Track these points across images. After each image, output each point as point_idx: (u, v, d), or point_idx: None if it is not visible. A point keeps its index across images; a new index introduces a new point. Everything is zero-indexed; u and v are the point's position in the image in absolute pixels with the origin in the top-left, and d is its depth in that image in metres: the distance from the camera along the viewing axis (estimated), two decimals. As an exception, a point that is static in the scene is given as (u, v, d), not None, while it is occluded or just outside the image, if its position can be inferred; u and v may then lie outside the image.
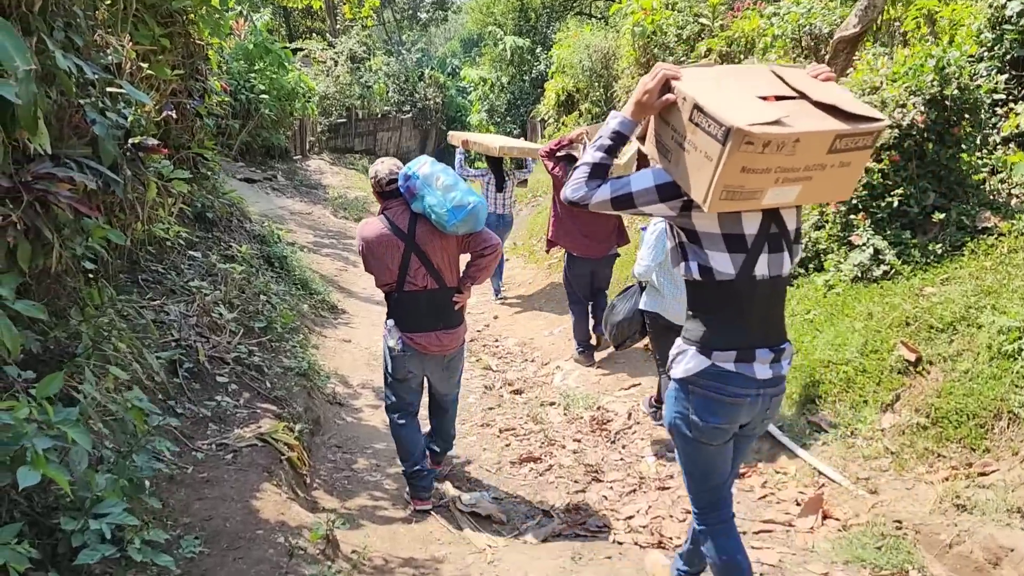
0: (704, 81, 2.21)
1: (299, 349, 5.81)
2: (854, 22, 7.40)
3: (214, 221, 7.38)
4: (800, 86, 2.18)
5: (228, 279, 5.85)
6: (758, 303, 2.37)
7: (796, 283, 5.38)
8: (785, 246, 2.38)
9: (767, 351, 2.39)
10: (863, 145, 2.12)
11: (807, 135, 2.02)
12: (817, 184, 2.18)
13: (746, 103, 2.08)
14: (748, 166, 2.04)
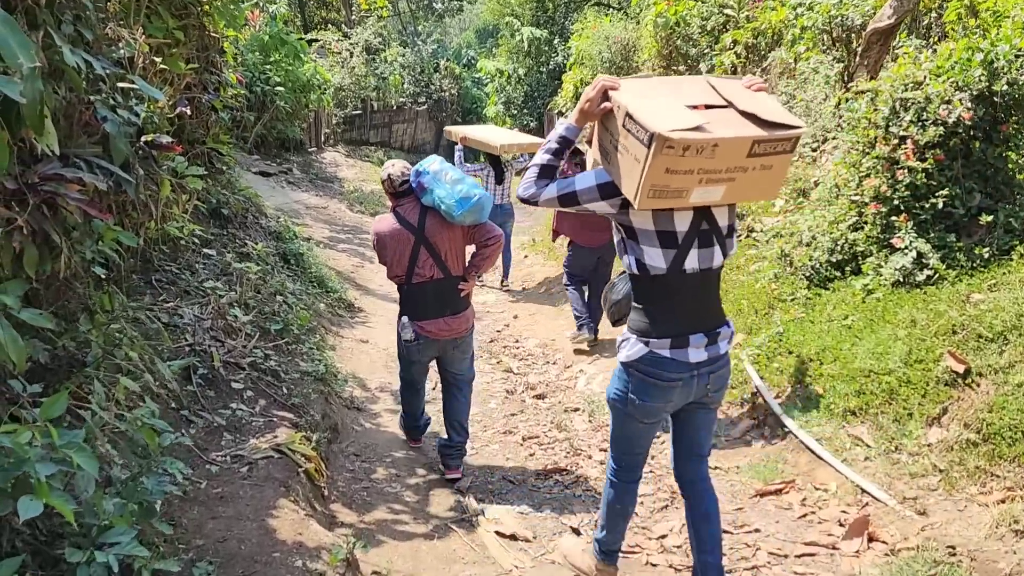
0: (638, 91, 2.46)
1: (316, 351, 5.65)
2: (888, 13, 7.14)
3: (229, 217, 7.23)
4: (729, 96, 2.41)
5: (243, 279, 5.70)
6: (689, 294, 2.63)
7: (832, 287, 5.17)
8: (716, 241, 2.60)
9: (701, 336, 2.64)
10: (782, 150, 2.35)
11: (725, 140, 2.25)
12: (741, 184, 2.40)
13: (672, 111, 2.30)
14: (672, 168, 2.26)
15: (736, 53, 9.72)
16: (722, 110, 2.37)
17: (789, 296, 5.33)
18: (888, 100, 4.88)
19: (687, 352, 2.63)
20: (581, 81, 16.74)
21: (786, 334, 5.04)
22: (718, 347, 2.70)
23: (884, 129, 4.89)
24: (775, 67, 9.30)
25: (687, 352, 2.63)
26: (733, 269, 6.27)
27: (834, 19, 7.86)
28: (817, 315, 5.03)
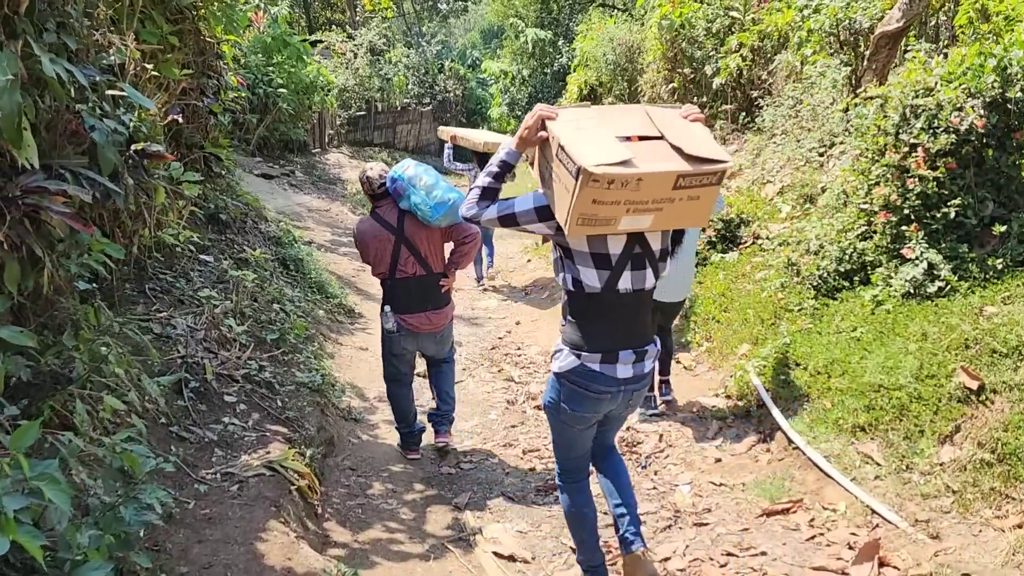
0: (574, 122, 2.50)
1: (313, 360, 5.55)
2: (897, 16, 7.02)
3: (228, 223, 7.14)
4: (664, 127, 2.45)
5: (240, 287, 5.60)
6: (622, 312, 2.73)
7: (840, 297, 5.05)
8: (648, 264, 2.72)
9: (630, 352, 2.77)
10: (708, 183, 2.41)
11: (649, 175, 2.32)
12: (669, 214, 2.47)
13: (602, 144, 2.36)
14: (598, 199, 2.34)
15: (742, 56, 9.59)
16: (654, 142, 2.43)
17: (796, 306, 5.21)
18: (898, 107, 4.76)
19: (616, 368, 2.76)
20: (585, 82, 16.63)
21: (793, 345, 4.92)
22: (644, 365, 2.85)
23: (894, 136, 4.77)
24: (781, 70, 9.18)
25: (616, 368, 2.76)
26: (738, 277, 6.16)
27: (841, 22, 7.74)
28: (825, 326, 4.92)
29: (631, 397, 2.90)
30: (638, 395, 2.94)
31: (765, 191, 7.55)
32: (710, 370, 5.69)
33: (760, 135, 9.04)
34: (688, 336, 6.16)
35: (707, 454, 4.60)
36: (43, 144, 3.25)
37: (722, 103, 10.38)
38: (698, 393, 5.41)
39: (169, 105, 5.14)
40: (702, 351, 5.93)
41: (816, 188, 6.76)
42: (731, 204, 6.99)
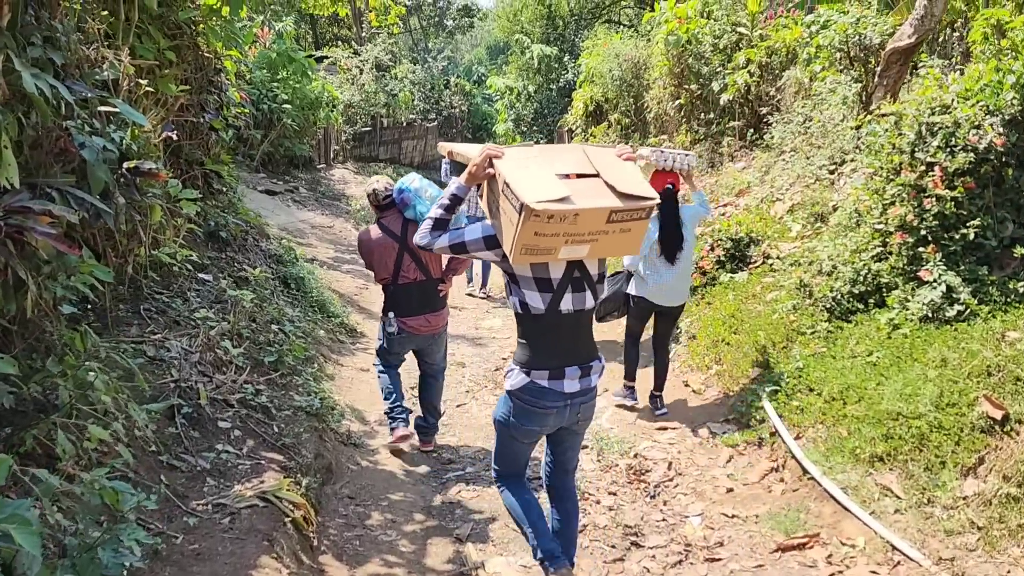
0: (518, 161, 2.76)
1: (312, 383, 5.41)
2: (909, 32, 6.91)
3: (227, 240, 7.03)
4: (600, 166, 2.74)
5: (238, 308, 5.47)
6: (566, 331, 2.95)
7: (854, 320, 4.90)
8: (587, 287, 2.95)
9: (576, 368, 2.97)
10: (638, 217, 2.68)
11: (585, 211, 2.58)
12: (603, 244, 2.73)
13: (543, 182, 2.62)
14: (539, 231, 2.59)
15: (749, 72, 9.49)
16: (590, 179, 2.70)
17: (809, 329, 5.06)
18: (913, 124, 4.63)
19: (563, 383, 2.96)
20: (591, 98, 16.57)
21: (806, 370, 4.76)
22: (590, 379, 3.05)
23: (909, 155, 4.63)
24: (789, 86, 9.07)
25: (563, 383, 2.96)
26: (748, 298, 6.01)
27: (851, 38, 7.63)
28: (839, 350, 4.76)
29: (579, 410, 3.08)
30: (587, 408, 3.11)
31: (774, 209, 7.41)
32: (720, 394, 5.53)
33: (768, 152, 8.92)
34: (697, 358, 6.01)
35: (718, 483, 4.44)
36: (29, 162, 3.14)
37: (729, 119, 10.27)
38: (707, 417, 5.25)
39: (165, 121, 5.04)
40: (711, 374, 5.78)
41: (827, 207, 6.62)
42: (740, 223, 6.85)
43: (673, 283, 5.28)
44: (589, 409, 3.14)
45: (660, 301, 5.34)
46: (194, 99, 6.39)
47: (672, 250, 5.21)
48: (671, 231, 5.20)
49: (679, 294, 5.34)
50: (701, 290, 6.63)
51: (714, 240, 6.72)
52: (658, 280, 5.28)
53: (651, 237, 5.22)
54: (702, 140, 11.21)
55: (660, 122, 13.28)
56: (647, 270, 5.32)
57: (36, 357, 3.29)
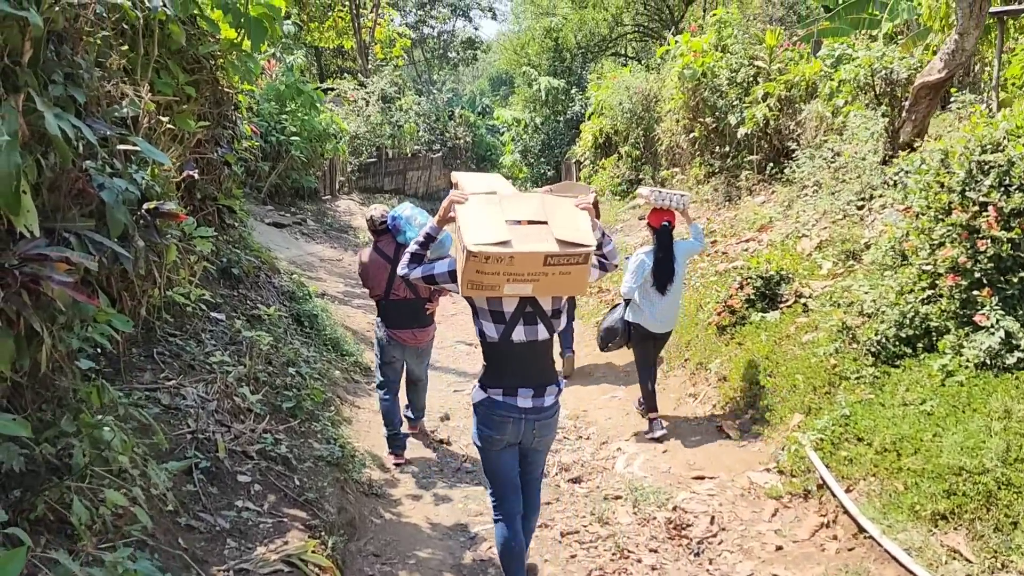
0: (476, 207, 3.11)
1: (331, 429, 5.18)
2: (939, 66, 6.78)
3: (240, 278, 6.84)
4: (551, 214, 3.08)
5: (253, 350, 5.26)
6: (519, 358, 3.33)
7: (903, 365, 4.67)
8: (539, 320, 3.30)
9: (529, 389, 3.35)
10: (575, 262, 2.99)
11: (520, 254, 2.92)
12: (545, 284, 3.05)
13: (489, 227, 2.98)
14: (480, 270, 2.95)
15: (769, 106, 9.35)
16: (538, 226, 3.03)
17: (853, 373, 4.83)
18: (964, 163, 4.44)
19: (516, 400, 3.35)
20: (600, 131, 16.49)
21: (853, 417, 4.53)
22: (543, 400, 3.40)
23: (959, 194, 4.45)
24: (811, 120, 8.92)
25: (516, 400, 3.35)
26: (783, 339, 5.79)
27: (877, 72, 7.49)
28: (888, 397, 4.53)
29: (534, 427, 3.41)
30: (542, 426, 3.44)
31: (801, 245, 7.22)
32: (757, 440, 5.29)
33: (790, 186, 8.75)
34: (731, 402, 5.77)
35: (766, 540, 4.18)
36: (46, 206, 2.94)
37: (747, 153, 10.12)
38: (746, 467, 5.00)
39: (186, 160, 4.87)
40: (746, 418, 5.54)
41: (859, 243, 6.43)
42: (770, 260, 6.65)
43: (664, 311, 5.74)
44: (545, 428, 3.47)
45: (654, 328, 5.79)
46: (209, 134, 6.24)
47: (663, 281, 5.63)
48: (664, 264, 5.62)
49: (670, 321, 5.85)
50: (731, 329, 6.41)
51: (743, 278, 6.51)
52: (652, 309, 5.71)
53: (646, 269, 5.64)
54: (717, 173, 11.07)
55: (672, 154, 13.16)
56: (642, 299, 5.74)
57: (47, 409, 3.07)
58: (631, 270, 5.70)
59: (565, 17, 22.92)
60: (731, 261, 7.79)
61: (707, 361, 6.44)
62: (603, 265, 3.41)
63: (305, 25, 27.95)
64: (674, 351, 7.01)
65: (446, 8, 42.94)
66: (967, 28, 6.44)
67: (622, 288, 5.81)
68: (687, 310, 7.29)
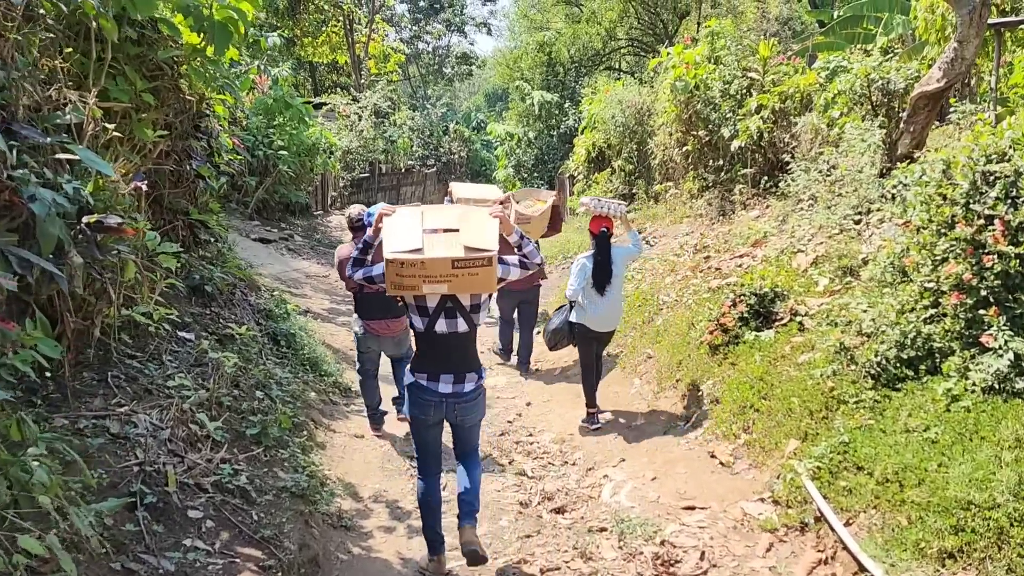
0: (400, 218, 3.66)
1: (300, 455, 4.89)
2: (938, 76, 6.55)
3: (213, 295, 6.56)
4: (463, 223, 3.60)
5: (219, 372, 4.97)
6: (441, 347, 3.81)
7: (904, 388, 4.40)
8: (459, 315, 3.77)
9: (450, 375, 3.84)
10: (481, 264, 3.50)
11: (430, 260, 3.46)
12: (458, 283, 3.55)
13: (405, 236, 3.54)
14: (399, 273, 3.49)
15: (763, 118, 9.13)
16: (450, 234, 3.56)
17: (852, 397, 4.56)
18: (967, 173, 4.19)
19: (438, 385, 3.86)
20: (593, 144, 16.27)
21: (853, 444, 4.25)
22: (463, 385, 3.89)
23: (963, 207, 4.19)
24: (806, 132, 8.69)
25: (438, 385, 3.86)
26: (778, 359, 5.52)
27: (873, 82, 7.27)
28: (889, 423, 4.25)
29: (455, 409, 3.91)
30: (463, 408, 3.93)
31: (796, 261, 6.96)
32: (751, 467, 5.00)
33: (785, 200, 8.51)
34: (722, 426, 5.49)
35: (760, 578, 3.89)
36: (-38, 219, 2.67)
37: (741, 166, 9.88)
38: (739, 496, 4.71)
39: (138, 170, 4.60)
40: (740, 444, 5.25)
41: (856, 259, 6.17)
42: (764, 276, 6.39)
43: (606, 311, 6.20)
44: (466, 410, 3.95)
45: (596, 327, 6.24)
46: (177, 145, 5.98)
47: (602, 282, 6.11)
48: (603, 266, 6.12)
49: (612, 321, 6.32)
50: (723, 349, 6.13)
51: (736, 295, 6.24)
52: (594, 309, 6.17)
53: (586, 272, 6.13)
54: (711, 187, 10.84)
55: (665, 168, 12.93)
56: (585, 301, 6.19)
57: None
58: (574, 274, 6.20)
59: (558, 31, 22.78)
60: (724, 277, 7.52)
61: (698, 382, 6.16)
62: (524, 264, 3.89)
63: (299, 40, 27.89)
64: (665, 371, 6.73)
65: (441, 24, 42.98)
66: (967, 36, 6.22)
67: (567, 291, 6.27)
68: (679, 329, 7.03)
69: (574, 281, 6.14)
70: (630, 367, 7.33)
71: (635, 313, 8.19)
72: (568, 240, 14.02)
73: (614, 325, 6.38)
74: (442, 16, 42.47)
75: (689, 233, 10.27)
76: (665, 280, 8.53)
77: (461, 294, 3.71)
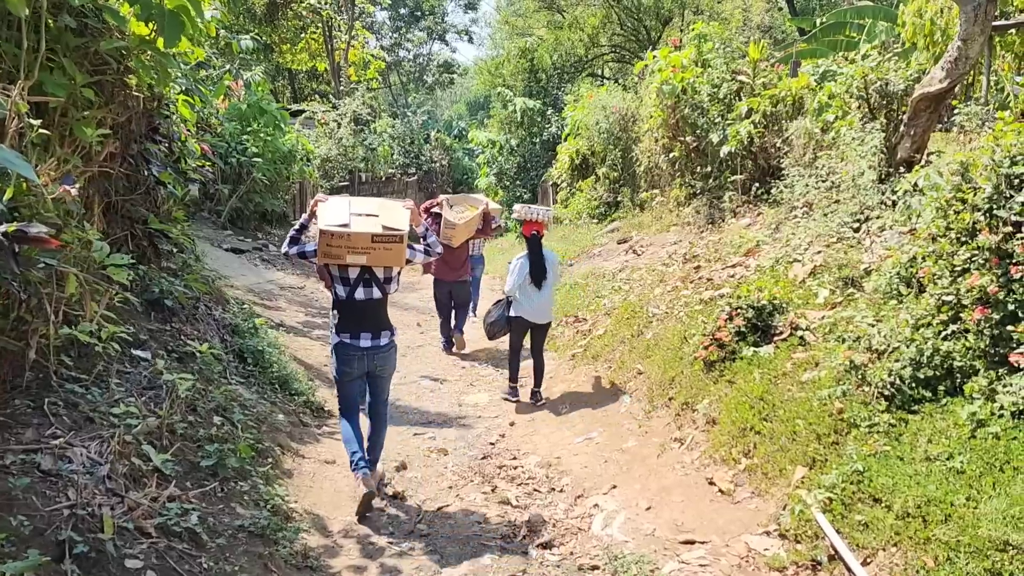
0: (332, 204, 4.69)
1: (262, 487, 4.46)
2: (940, 76, 6.25)
3: (174, 310, 6.11)
4: (382, 210, 4.66)
5: (174, 395, 4.53)
6: (358, 311, 4.75)
7: (922, 411, 4.04)
8: (375, 284, 4.75)
9: (368, 334, 4.78)
10: (393, 240, 4.52)
11: (354, 233, 4.46)
12: (376, 256, 4.57)
13: (335, 215, 4.54)
14: (329, 243, 4.47)
15: (754, 122, 8.81)
16: (371, 217, 4.54)
17: (864, 421, 4.19)
18: (990, 176, 3.85)
19: (359, 340, 4.74)
20: (577, 152, 15.95)
21: (868, 474, 3.88)
22: (379, 340, 4.79)
23: (986, 213, 3.85)
24: (798, 137, 8.38)
25: (359, 340, 4.74)
26: (779, 377, 5.15)
27: (871, 84, 6.96)
28: (907, 450, 3.89)
29: (374, 359, 4.79)
30: (380, 359, 4.82)
31: (793, 271, 6.62)
32: (754, 496, 4.62)
33: (777, 208, 8.19)
34: (721, 449, 5.11)
35: (770, 625, 3.50)
36: None
37: (730, 172, 9.56)
38: (743, 528, 4.33)
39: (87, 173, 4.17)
40: (740, 469, 4.87)
41: (858, 269, 5.83)
42: (761, 288, 6.03)
43: (541, 305, 7.08)
44: (383, 359, 4.84)
45: (533, 319, 7.11)
46: (131, 148, 5.55)
47: (539, 278, 7.00)
48: (537, 264, 6.98)
49: (547, 313, 7.17)
50: (719, 365, 5.76)
51: (732, 308, 5.87)
52: (530, 303, 7.04)
53: (523, 270, 6.97)
54: (699, 195, 10.52)
55: (651, 175, 12.62)
56: (521, 295, 7.04)
57: None
58: (512, 272, 7.04)
59: (540, 38, 22.47)
60: (717, 288, 7.17)
61: (694, 401, 5.78)
62: (427, 251, 4.97)
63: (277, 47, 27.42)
64: (657, 388, 6.35)
65: (422, 31, 42.64)
66: (971, 34, 5.91)
67: (505, 287, 7.19)
68: (670, 343, 6.66)
69: (510, 279, 7.03)
70: (619, 383, 6.94)
71: (623, 326, 7.81)
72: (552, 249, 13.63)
73: (549, 317, 7.21)
74: (423, 23, 42.15)
75: (677, 242, 9.93)
76: (654, 291, 8.16)
77: (376, 267, 4.68)
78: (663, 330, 7.07)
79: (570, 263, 12.13)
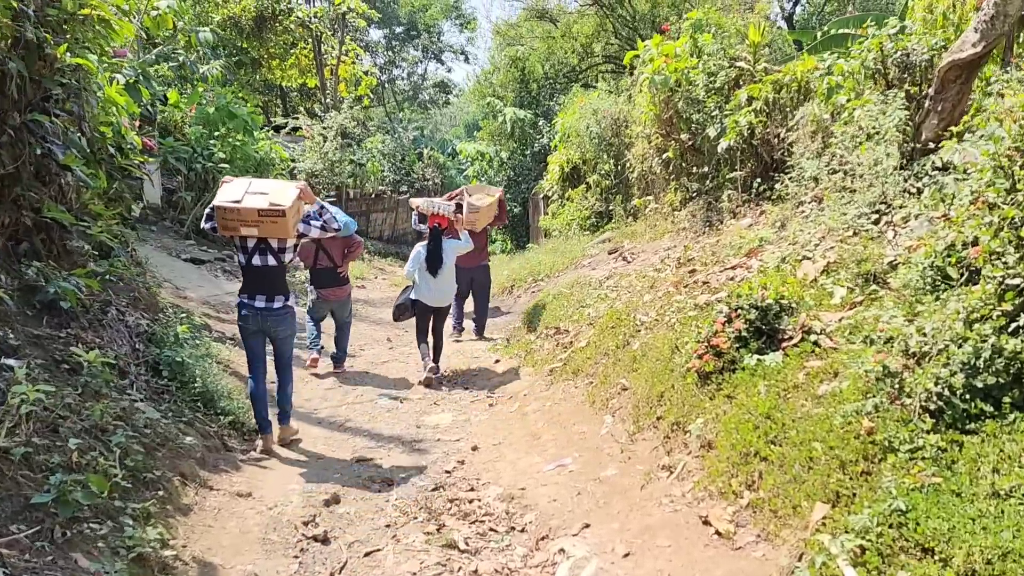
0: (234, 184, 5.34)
1: (131, 528, 3.48)
2: (974, 39, 5.34)
3: (73, 314, 5.18)
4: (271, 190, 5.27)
5: (19, 412, 3.56)
6: (255, 275, 5.48)
7: (983, 431, 3.06)
8: (269, 252, 5.43)
9: (263, 296, 5.50)
10: (279, 215, 5.15)
11: (243, 208, 5.12)
12: (265, 228, 5.24)
13: (231, 193, 5.22)
14: (224, 217, 5.17)
15: (755, 111, 7.90)
16: (262, 195, 5.21)
17: (904, 444, 3.21)
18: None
19: (254, 301, 5.51)
20: (567, 161, 15.07)
21: (912, 514, 2.89)
22: (272, 303, 5.52)
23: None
24: (805, 125, 7.45)
25: (254, 301, 5.51)
26: (790, 390, 4.17)
27: (889, 55, 6.04)
28: (965, 483, 2.91)
29: (268, 320, 5.54)
30: (275, 320, 5.56)
31: (802, 270, 5.65)
32: (760, 540, 3.61)
33: (782, 204, 7.26)
34: (718, 479, 4.11)
35: None
36: None
37: (729, 170, 8.63)
38: (746, 583, 3.33)
39: None
40: (742, 505, 3.86)
41: (881, 264, 4.89)
42: (765, 285, 5.07)
43: (437, 290, 7.83)
44: (277, 322, 5.57)
45: (431, 303, 7.86)
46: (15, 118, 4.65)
47: (435, 266, 7.73)
48: (435, 253, 7.74)
49: (445, 298, 7.93)
50: (717, 377, 4.78)
51: (732, 308, 4.90)
52: (428, 288, 7.80)
53: (419, 258, 7.78)
54: (695, 197, 9.59)
55: (645, 181, 11.71)
56: (421, 281, 7.81)
57: None
58: (411, 259, 7.90)
59: (532, 47, 21.71)
60: (714, 292, 6.20)
61: (685, 420, 4.77)
62: (324, 228, 5.74)
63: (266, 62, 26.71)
64: (644, 406, 5.36)
65: (417, 50, 42.06)
66: (1011, -15, 5.01)
67: (404, 272, 8.14)
68: (660, 353, 5.67)
69: (409, 265, 7.91)
70: (600, 401, 5.95)
71: (608, 336, 6.83)
72: (540, 262, 12.75)
73: (448, 301, 8.02)
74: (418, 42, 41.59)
75: (671, 247, 8.99)
76: (644, 298, 7.20)
77: (269, 237, 5.34)
78: (652, 339, 6.09)
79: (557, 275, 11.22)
